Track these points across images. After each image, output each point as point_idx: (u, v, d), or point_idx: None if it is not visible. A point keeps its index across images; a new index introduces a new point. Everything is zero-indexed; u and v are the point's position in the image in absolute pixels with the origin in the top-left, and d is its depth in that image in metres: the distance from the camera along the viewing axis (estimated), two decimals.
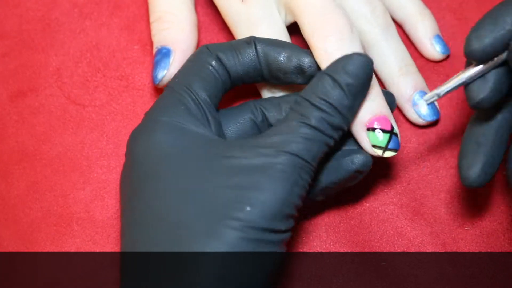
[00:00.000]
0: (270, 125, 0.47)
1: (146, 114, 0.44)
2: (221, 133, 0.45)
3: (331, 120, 0.42)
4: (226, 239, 0.38)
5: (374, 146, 0.45)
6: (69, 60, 0.54)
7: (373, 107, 0.45)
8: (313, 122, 0.41)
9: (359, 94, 0.43)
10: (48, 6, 0.56)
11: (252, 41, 0.46)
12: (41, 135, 0.52)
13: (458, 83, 0.43)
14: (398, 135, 0.45)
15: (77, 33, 0.55)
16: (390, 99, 0.47)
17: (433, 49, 0.54)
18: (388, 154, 0.45)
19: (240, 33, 0.50)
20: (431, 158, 0.52)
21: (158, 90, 0.53)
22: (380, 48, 0.51)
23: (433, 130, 0.53)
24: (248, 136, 0.47)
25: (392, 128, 0.45)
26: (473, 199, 0.51)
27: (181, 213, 0.39)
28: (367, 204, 0.51)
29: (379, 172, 0.51)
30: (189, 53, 0.51)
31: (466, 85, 0.43)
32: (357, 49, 0.45)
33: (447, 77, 0.54)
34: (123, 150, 0.52)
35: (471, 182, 0.44)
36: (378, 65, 0.52)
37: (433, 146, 0.52)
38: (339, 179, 0.45)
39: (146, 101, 0.53)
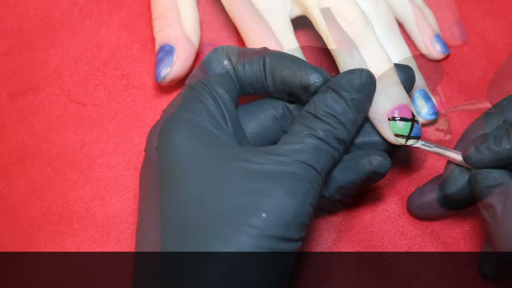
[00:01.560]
0: (293, 118, 0.46)
1: (164, 111, 0.44)
2: (238, 130, 0.44)
3: (336, 133, 0.42)
4: (240, 246, 0.38)
5: (396, 135, 0.45)
6: (69, 59, 0.54)
7: (393, 96, 0.44)
8: (320, 134, 0.41)
9: (362, 108, 0.43)
10: (48, 5, 0.56)
11: (263, 52, 0.45)
12: (41, 134, 0.52)
13: (446, 154, 0.45)
14: (420, 122, 0.45)
15: (77, 32, 0.55)
16: (410, 73, 0.47)
17: (433, 48, 0.54)
18: (411, 142, 0.45)
19: (244, 23, 0.50)
20: (431, 157, 0.52)
21: (159, 88, 0.53)
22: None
23: (432, 128, 0.53)
24: (269, 131, 0.46)
25: (413, 116, 0.45)
26: None
27: (196, 216, 0.39)
28: (368, 203, 0.51)
29: None
30: (192, 51, 0.51)
31: (443, 179, 0.46)
32: (372, 38, 0.46)
33: (447, 76, 0.54)
34: (123, 148, 0.52)
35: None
36: None
37: None
38: (356, 179, 0.45)
39: (146, 99, 0.53)
